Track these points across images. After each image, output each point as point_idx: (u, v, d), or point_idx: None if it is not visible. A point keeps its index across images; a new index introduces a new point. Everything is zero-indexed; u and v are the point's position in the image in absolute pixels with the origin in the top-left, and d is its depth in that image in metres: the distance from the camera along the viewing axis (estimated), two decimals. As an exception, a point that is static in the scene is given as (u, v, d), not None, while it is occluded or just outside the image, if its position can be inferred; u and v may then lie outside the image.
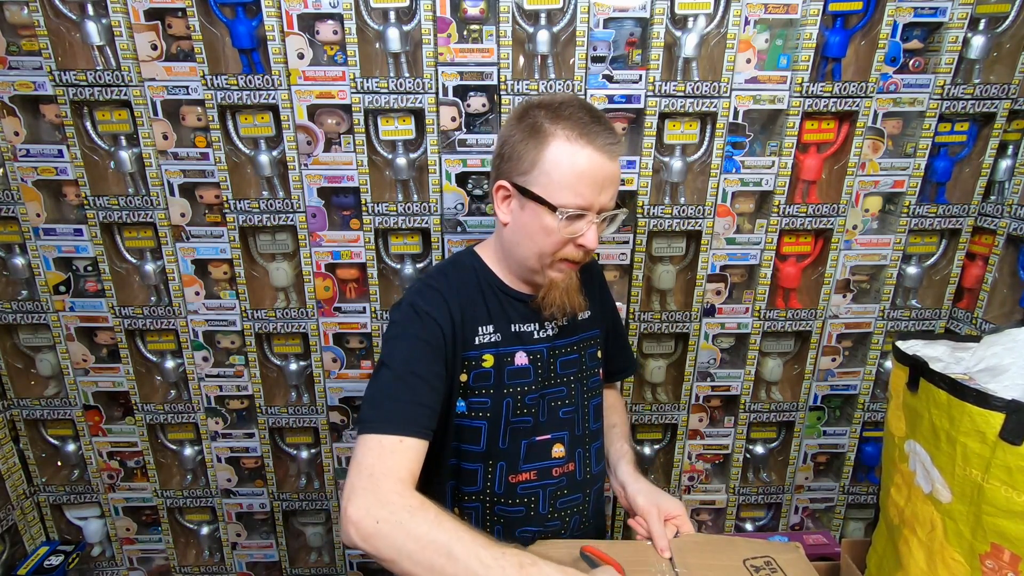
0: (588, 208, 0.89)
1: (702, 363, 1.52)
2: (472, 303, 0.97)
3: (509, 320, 0.99)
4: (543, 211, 0.89)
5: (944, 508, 0.68)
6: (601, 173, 0.88)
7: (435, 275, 1.00)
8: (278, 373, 1.56)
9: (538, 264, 0.94)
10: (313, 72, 1.29)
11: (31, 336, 1.52)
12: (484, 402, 0.98)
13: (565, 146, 0.87)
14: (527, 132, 0.90)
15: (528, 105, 0.93)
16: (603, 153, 0.88)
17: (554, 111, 0.89)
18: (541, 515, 1.04)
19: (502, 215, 0.96)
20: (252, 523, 1.69)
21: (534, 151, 0.89)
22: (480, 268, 1.01)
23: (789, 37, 1.32)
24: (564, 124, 0.88)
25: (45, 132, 1.40)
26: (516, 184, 0.92)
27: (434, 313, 0.92)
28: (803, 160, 1.39)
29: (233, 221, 1.39)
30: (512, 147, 0.92)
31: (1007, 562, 0.62)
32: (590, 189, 0.88)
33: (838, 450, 1.60)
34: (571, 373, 1.05)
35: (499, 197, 0.95)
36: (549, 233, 0.90)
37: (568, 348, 1.05)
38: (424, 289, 0.96)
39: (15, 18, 1.30)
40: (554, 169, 0.88)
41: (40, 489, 1.62)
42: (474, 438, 0.99)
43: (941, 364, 0.72)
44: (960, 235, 1.43)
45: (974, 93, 1.32)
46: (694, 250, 1.45)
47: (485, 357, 0.97)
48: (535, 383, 1.00)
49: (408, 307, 0.93)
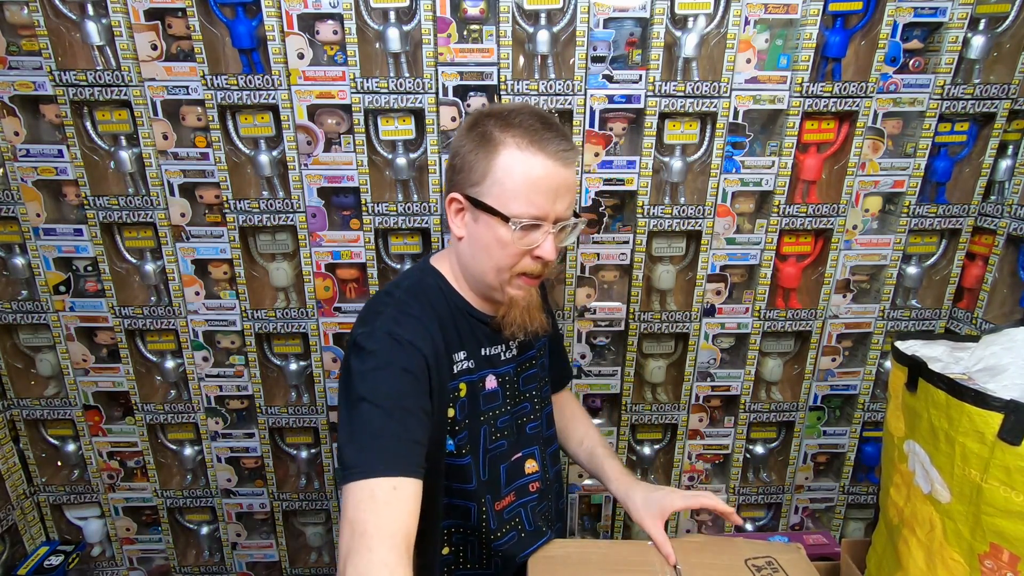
0: (543, 218, 0.86)
1: (702, 363, 1.52)
2: (447, 330, 0.93)
3: (479, 343, 0.97)
4: (496, 222, 0.86)
5: (943, 508, 0.68)
6: (555, 181, 0.86)
7: (407, 299, 0.92)
8: (278, 373, 1.56)
9: (496, 280, 0.91)
10: (313, 72, 1.29)
11: (31, 336, 1.52)
12: (465, 435, 0.94)
13: (516, 154, 0.85)
14: (477, 142, 0.87)
15: (478, 115, 0.90)
16: (556, 160, 0.85)
17: (504, 119, 0.87)
18: (530, 532, 1.03)
19: (456, 229, 0.92)
20: (252, 523, 1.69)
21: (485, 161, 0.86)
22: (446, 289, 0.97)
23: (789, 37, 1.32)
24: (514, 132, 0.85)
25: (45, 132, 1.40)
26: (468, 196, 0.89)
27: (417, 342, 0.85)
28: (803, 160, 1.39)
29: (233, 221, 1.39)
30: (463, 158, 0.89)
31: (1006, 562, 0.62)
32: (544, 198, 0.85)
33: (838, 450, 1.60)
34: (533, 388, 1.04)
35: (452, 210, 0.92)
36: (504, 245, 0.87)
37: (529, 363, 1.03)
38: (400, 317, 0.88)
39: (15, 18, 1.30)
40: (506, 178, 0.85)
41: (40, 489, 1.62)
42: (466, 476, 0.95)
43: (940, 364, 0.72)
44: (960, 235, 1.43)
45: (974, 93, 1.32)
46: (694, 250, 1.45)
47: (460, 386, 0.94)
48: (503, 405, 0.98)
49: (386, 336, 0.85)
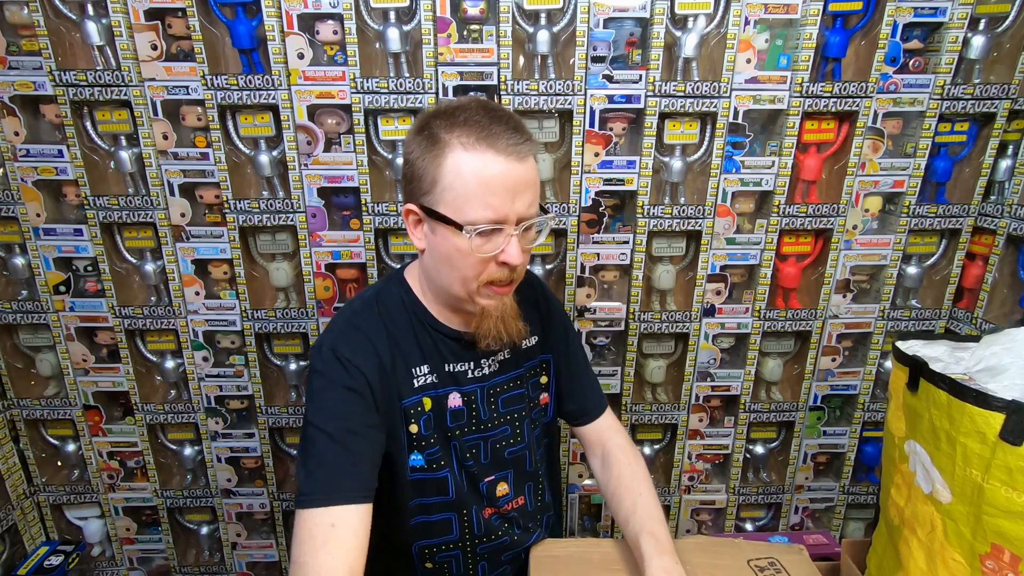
0: (502, 220, 0.79)
1: (702, 363, 1.52)
2: (404, 344, 0.89)
3: (443, 359, 0.92)
4: (452, 232, 0.79)
5: (944, 508, 0.68)
6: (509, 179, 0.78)
7: (361, 312, 0.89)
8: (278, 373, 1.56)
9: (463, 291, 0.85)
10: (313, 72, 1.29)
11: (31, 336, 1.52)
12: (436, 450, 0.91)
13: (463, 155, 0.77)
14: (425, 146, 0.80)
15: (425, 116, 0.83)
16: (507, 156, 0.77)
17: (449, 117, 0.80)
18: (521, 533, 1.02)
19: (417, 241, 0.86)
20: (252, 523, 1.69)
21: (433, 166, 0.79)
22: (409, 301, 0.92)
23: (789, 37, 1.32)
24: (460, 131, 0.78)
25: (45, 132, 1.40)
26: (422, 206, 0.82)
27: (357, 361, 0.83)
28: (803, 160, 1.38)
29: (233, 221, 1.39)
30: (412, 165, 0.82)
31: (1007, 562, 0.62)
32: (499, 198, 0.78)
33: (838, 450, 1.60)
34: (516, 410, 0.97)
35: (410, 222, 0.85)
36: (465, 255, 0.80)
37: (511, 384, 0.97)
38: (347, 330, 0.86)
39: (15, 18, 1.30)
40: (456, 182, 0.78)
41: (40, 489, 1.62)
42: (441, 489, 0.93)
43: (941, 364, 0.72)
44: (960, 235, 1.43)
45: (974, 93, 1.32)
46: (694, 250, 1.45)
47: (423, 401, 0.89)
48: (469, 425, 0.94)
49: (329, 353, 0.83)
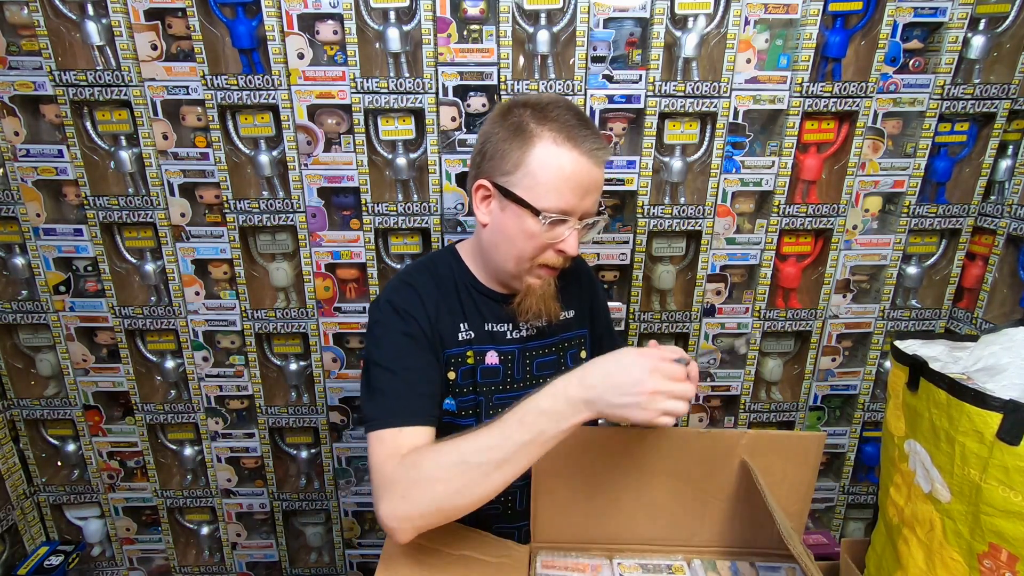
0: (571, 213, 0.87)
1: (702, 363, 1.52)
2: (449, 300, 0.96)
3: (483, 319, 0.98)
4: (525, 214, 0.86)
5: (943, 508, 0.68)
6: (587, 178, 0.86)
7: (412, 272, 0.98)
8: (278, 373, 1.56)
9: (516, 268, 0.92)
10: (313, 72, 1.29)
11: (31, 336, 1.52)
12: (470, 399, 0.97)
13: (552, 148, 0.84)
14: (511, 131, 0.86)
15: (512, 103, 0.90)
16: (590, 158, 0.85)
17: (540, 111, 0.86)
18: (517, 511, 1.04)
19: (481, 216, 0.92)
20: (252, 523, 1.69)
21: (518, 151, 0.85)
22: (457, 266, 1.00)
23: (789, 37, 1.32)
24: (551, 125, 0.85)
25: (45, 132, 1.40)
26: (498, 184, 0.88)
27: (412, 310, 0.91)
28: (803, 160, 1.38)
29: (233, 221, 1.39)
30: (495, 146, 0.88)
31: (1004, 562, 0.62)
32: (574, 194, 0.85)
33: (838, 450, 1.60)
34: (548, 374, 1.02)
35: (478, 197, 0.92)
36: (530, 237, 0.87)
37: (545, 349, 1.03)
38: (400, 286, 0.95)
39: (15, 18, 1.30)
40: (539, 171, 0.85)
41: (40, 489, 1.62)
42: None
43: (939, 364, 0.72)
44: (960, 235, 1.43)
45: (974, 93, 1.32)
46: (694, 250, 1.45)
47: (468, 354, 0.96)
48: (503, 383, 0.99)
49: (386, 304, 0.92)
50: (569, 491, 0.90)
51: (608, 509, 0.91)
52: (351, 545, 1.68)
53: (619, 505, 0.91)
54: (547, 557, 0.92)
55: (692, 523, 0.92)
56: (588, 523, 0.92)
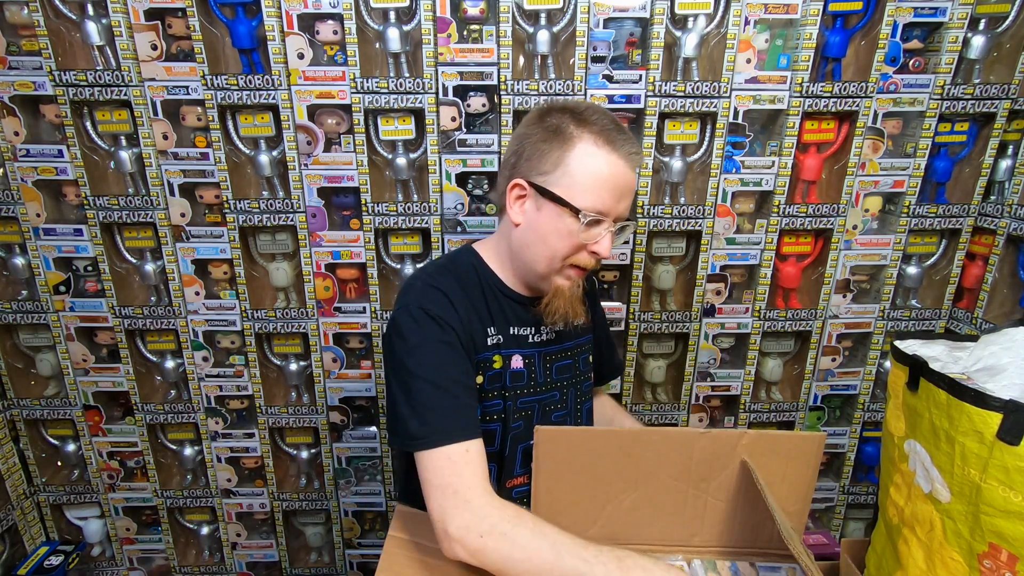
0: (607, 214, 0.88)
1: (702, 363, 1.52)
2: (476, 304, 0.95)
3: (508, 322, 0.98)
4: (564, 213, 0.87)
5: (943, 508, 0.68)
6: (623, 181, 0.88)
7: (436, 275, 0.96)
8: (278, 373, 1.56)
9: (547, 269, 0.92)
10: (313, 72, 1.29)
11: (31, 336, 1.52)
12: (497, 404, 0.97)
13: (592, 149, 0.86)
14: (550, 133, 0.88)
15: (550, 107, 0.92)
16: (627, 161, 0.88)
17: (579, 115, 0.88)
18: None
19: (514, 215, 0.93)
20: (252, 523, 1.69)
21: (558, 151, 0.87)
22: (481, 268, 0.99)
23: (789, 37, 1.32)
24: (591, 129, 0.87)
25: (45, 132, 1.40)
26: (535, 184, 0.89)
27: (446, 317, 0.90)
28: (803, 160, 1.38)
29: (233, 221, 1.39)
30: (533, 146, 0.89)
31: (1004, 562, 0.62)
32: (611, 196, 0.87)
33: (838, 450, 1.60)
34: (565, 378, 1.04)
35: (513, 196, 0.92)
36: (566, 236, 0.88)
37: (563, 353, 1.04)
38: (428, 291, 0.92)
39: (15, 18, 1.30)
40: (579, 171, 0.86)
41: (40, 489, 1.62)
42: (489, 440, 0.97)
43: (939, 364, 0.72)
44: (960, 235, 1.43)
45: (974, 93, 1.32)
46: (694, 250, 1.45)
47: (495, 358, 0.96)
48: (528, 387, 0.99)
49: (419, 311, 0.89)
50: (569, 491, 0.90)
51: (608, 509, 0.91)
52: (351, 545, 1.68)
53: (619, 505, 0.91)
54: None
55: (692, 523, 0.92)
56: (588, 523, 0.92)
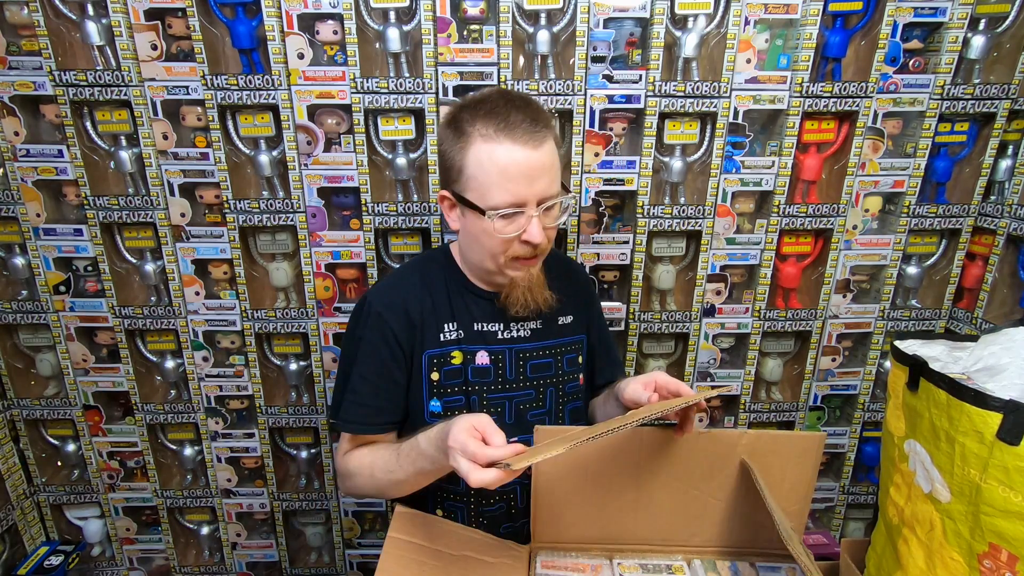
0: (522, 204, 0.86)
1: (702, 363, 1.52)
2: (437, 301, 0.98)
3: (472, 318, 0.99)
4: (477, 216, 0.88)
5: (943, 508, 0.68)
6: (525, 165, 0.84)
7: (404, 271, 1.03)
8: (278, 373, 1.56)
9: (493, 265, 0.94)
10: (313, 72, 1.29)
11: (31, 336, 1.52)
12: (458, 399, 0.98)
13: (483, 145, 0.85)
14: (453, 137, 0.88)
15: (455, 107, 0.91)
16: (524, 144, 0.84)
17: (474, 108, 0.87)
18: (519, 509, 1.05)
19: (452, 223, 0.97)
20: (252, 523, 1.69)
21: (459, 156, 0.87)
22: (449, 266, 1.02)
23: (789, 37, 1.32)
24: (481, 121, 0.85)
25: (45, 132, 1.40)
26: (453, 192, 0.91)
27: (386, 314, 0.95)
28: (803, 160, 1.38)
29: (233, 221, 1.39)
30: (443, 155, 0.91)
31: (1004, 562, 0.62)
32: (518, 184, 0.85)
33: (838, 450, 1.60)
34: (543, 376, 1.03)
35: (445, 207, 0.95)
36: (490, 236, 0.89)
37: (540, 352, 1.03)
38: (386, 289, 1.00)
39: (15, 18, 1.30)
40: (478, 171, 0.86)
41: (40, 489, 1.62)
42: None
43: (939, 364, 0.72)
44: (960, 235, 1.43)
45: (974, 93, 1.32)
46: (694, 250, 1.45)
47: (454, 354, 0.98)
48: (496, 383, 1.00)
49: (368, 307, 0.97)
50: (569, 491, 0.90)
51: (608, 509, 0.91)
52: (351, 545, 1.68)
53: (619, 505, 0.91)
54: (547, 557, 0.92)
55: (692, 523, 0.92)
56: (588, 523, 0.92)
